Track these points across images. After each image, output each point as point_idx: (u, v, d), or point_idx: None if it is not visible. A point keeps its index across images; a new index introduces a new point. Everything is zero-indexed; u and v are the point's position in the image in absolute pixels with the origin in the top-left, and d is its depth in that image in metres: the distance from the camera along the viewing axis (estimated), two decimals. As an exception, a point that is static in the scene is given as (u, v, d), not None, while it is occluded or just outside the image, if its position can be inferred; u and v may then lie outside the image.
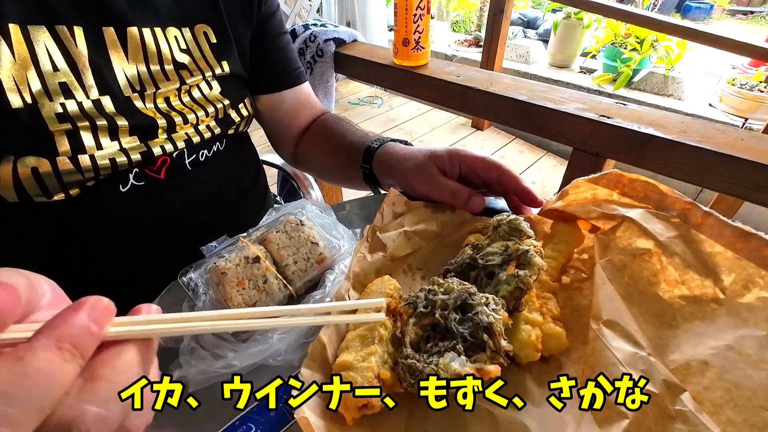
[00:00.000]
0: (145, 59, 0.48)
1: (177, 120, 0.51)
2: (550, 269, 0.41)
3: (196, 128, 0.54)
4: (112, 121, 0.45)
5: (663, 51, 2.43)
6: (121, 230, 0.50)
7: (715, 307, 0.33)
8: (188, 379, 0.37)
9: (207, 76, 0.54)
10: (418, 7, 0.87)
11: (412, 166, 0.52)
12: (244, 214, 0.63)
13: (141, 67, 0.48)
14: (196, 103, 0.54)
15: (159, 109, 0.50)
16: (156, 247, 0.53)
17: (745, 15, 5.78)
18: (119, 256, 0.51)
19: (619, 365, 0.32)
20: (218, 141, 0.58)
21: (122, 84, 0.47)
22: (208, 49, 0.54)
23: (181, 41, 0.52)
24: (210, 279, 0.44)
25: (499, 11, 2.13)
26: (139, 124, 0.48)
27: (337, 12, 3.12)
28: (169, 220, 0.53)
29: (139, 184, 0.50)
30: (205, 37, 0.54)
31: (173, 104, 0.51)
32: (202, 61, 0.54)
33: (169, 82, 0.51)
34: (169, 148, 0.51)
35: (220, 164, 0.58)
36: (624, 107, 0.78)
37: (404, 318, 0.37)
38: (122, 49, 0.46)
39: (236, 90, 0.59)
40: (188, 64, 0.52)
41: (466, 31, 3.73)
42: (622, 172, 0.40)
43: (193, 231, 0.54)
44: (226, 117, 0.58)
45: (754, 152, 0.63)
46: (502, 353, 0.33)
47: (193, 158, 0.55)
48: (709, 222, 0.35)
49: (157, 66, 0.49)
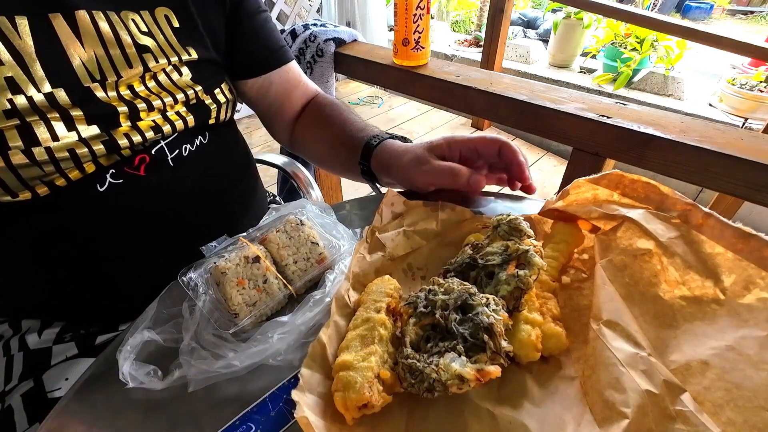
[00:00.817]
0: (102, 45, 0.45)
1: (140, 106, 0.48)
2: (550, 269, 0.41)
3: (164, 115, 0.51)
4: (65, 113, 0.43)
5: (663, 51, 2.43)
6: (104, 230, 0.48)
7: (715, 308, 0.33)
8: (188, 378, 0.37)
9: (173, 61, 0.51)
10: (418, 7, 0.87)
11: (411, 159, 0.52)
12: (232, 209, 0.61)
13: (99, 52, 0.45)
14: (163, 89, 0.51)
15: (122, 97, 0.47)
16: (144, 246, 0.51)
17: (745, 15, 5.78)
18: (106, 258, 0.50)
19: (619, 365, 0.32)
20: (200, 134, 0.56)
21: (80, 74, 0.44)
22: (171, 33, 0.51)
23: (141, 24, 0.48)
24: (210, 279, 0.43)
25: (499, 11, 2.13)
26: (98, 112, 0.45)
27: (337, 12, 3.12)
28: (154, 218, 0.51)
29: (117, 182, 0.48)
30: (167, 21, 0.51)
31: (137, 90, 0.48)
32: (166, 46, 0.50)
33: (132, 69, 0.47)
34: (137, 137, 0.48)
35: (205, 158, 0.56)
36: (624, 107, 0.78)
37: (404, 318, 0.37)
38: (76, 37, 0.43)
39: (211, 75, 0.56)
40: (152, 47, 0.49)
41: (466, 31, 3.73)
42: (623, 172, 0.40)
43: (180, 227, 0.53)
44: (200, 103, 0.55)
45: (754, 152, 0.63)
46: (503, 354, 0.33)
47: (176, 153, 0.52)
48: (710, 223, 0.35)
49: (118, 50, 0.46)
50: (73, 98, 0.43)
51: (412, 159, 0.52)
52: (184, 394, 0.37)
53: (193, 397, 0.37)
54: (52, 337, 0.52)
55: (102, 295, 0.51)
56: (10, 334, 0.54)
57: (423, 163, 0.51)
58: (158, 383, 0.37)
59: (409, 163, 0.52)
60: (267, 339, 0.39)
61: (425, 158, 0.51)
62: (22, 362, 0.51)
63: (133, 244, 0.51)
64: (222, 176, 0.59)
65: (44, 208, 0.45)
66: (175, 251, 0.50)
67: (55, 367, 0.50)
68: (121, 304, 0.52)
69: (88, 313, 0.53)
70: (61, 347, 0.51)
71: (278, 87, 0.67)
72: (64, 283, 0.50)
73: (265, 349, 0.39)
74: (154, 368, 0.38)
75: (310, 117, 0.70)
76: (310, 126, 0.69)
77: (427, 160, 0.51)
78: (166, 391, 0.37)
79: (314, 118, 0.69)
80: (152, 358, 0.39)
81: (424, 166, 0.51)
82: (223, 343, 0.39)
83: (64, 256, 0.48)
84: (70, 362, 0.50)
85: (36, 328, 0.53)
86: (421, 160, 0.51)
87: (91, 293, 0.51)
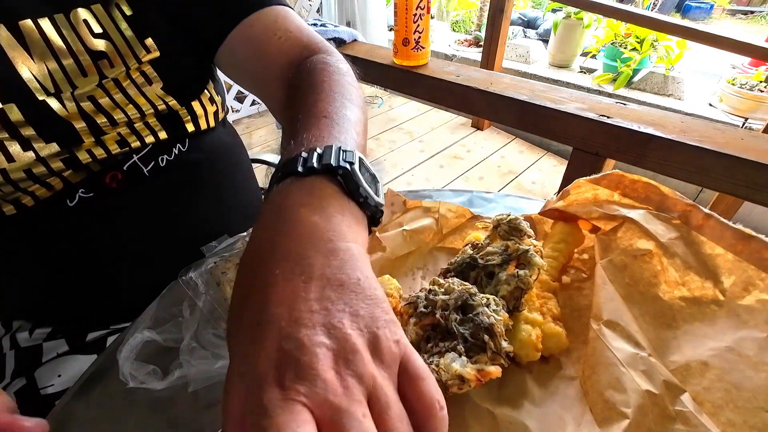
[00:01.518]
0: (54, 56, 0.41)
1: (101, 121, 0.44)
2: (550, 269, 0.41)
3: (132, 128, 0.46)
4: (17, 132, 0.40)
5: (663, 51, 2.43)
6: (82, 243, 0.47)
7: (715, 309, 0.33)
8: (189, 378, 0.37)
9: (132, 65, 0.45)
10: (418, 7, 0.87)
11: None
12: (226, 210, 0.57)
13: (51, 65, 0.41)
14: (130, 101, 0.46)
15: (82, 110, 0.43)
16: (130, 258, 0.50)
17: (745, 15, 5.78)
18: (94, 266, 0.49)
19: (619, 365, 0.32)
20: (179, 142, 0.51)
21: (33, 87, 0.40)
22: (126, 25, 0.44)
23: (93, 24, 0.43)
24: (210, 278, 0.43)
25: (499, 11, 2.13)
26: (54, 130, 0.41)
27: (337, 12, 3.12)
28: (134, 226, 0.49)
29: (87, 196, 0.45)
30: (119, 11, 0.44)
31: (101, 102, 0.44)
32: (123, 45, 0.44)
33: (86, 78, 0.43)
34: (100, 152, 0.44)
35: (187, 165, 0.52)
36: (624, 107, 0.78)
37: (404, 318, 0.37)
38: (23, 48, 0.39)
39: (185, 79, 0.50)
40: (108, 51, 0.43)
41: (466, 31, 3.73)
42: (623, 172, 0.40)
43: (169, 237, 0.51)
44: (172, 114, 0.49)
45: (754, 152, 0.63)
46: (503, 354, 0.33)
47: (152, 165, 0.48)
48: (710, 224, 0.35)
49: (70, 60, 0.42)
50: (26, 114, 0.40)
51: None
52: (184, 393, 0.37)
53: (194, 396, 0.37)
54: (43, 335, 0.52)
55: (96, 303, 0.51)
56: (2, 333, 0.54)
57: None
58: (158, 383, 0.37)
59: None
60: (267, 339, 0.39)
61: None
62: (14, 360, 0.51)
63: (122, 251, 0.49)
64: (210, 179, 0.55)
65: (15, 224, 0.44)
66: (172, 253, 0.50)
67: (46, 364, 0.50)
68: (117, 308, 0.52)
69: (83, 317, 0.53)
70: (52, 344, 0.51)
71: (244, 52, 0.49)
72: (53, 292, 0.50)
73: (265, 349, 0.39)
74: (155, 368, 0.38)
75: (292, 86, 0.44)
76: (289, 99, 0.44)
77: None
78: (166, 391, 0.37)
79: (294, 87, 0.43)
80: (152, 357, 0.39)
81: None
82: (223, 342, 0.39)
83: (49, 265, 0.48)
84: (62, 359, 0.50)
85: (27, 327, 0.53)
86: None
87: (84, 300, 0.51)
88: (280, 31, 0.48)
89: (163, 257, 0.51)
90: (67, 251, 0.47)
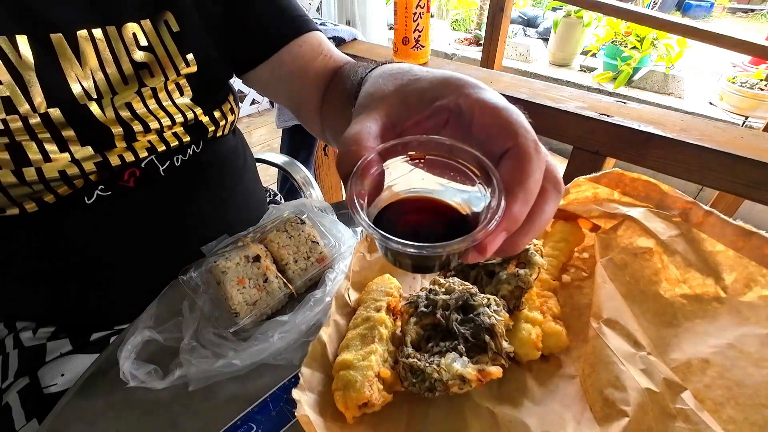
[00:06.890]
0: (100, 64, 0.44)
1: (137, 128, 0.47)
2: (550, 268, 0.41)
3: (161, 136, 0.50)
4: (57, 134, 0.42)
5: (663, 49, 2.42)
6: (95, 239, 0.48)
7: (716, 306, 0.33)
8: (189, 377, 0.37)
9: (171, 77, 0.49)
10: (418, 6, 0.87)
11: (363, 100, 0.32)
12: (230, 210, 0.59)
13: (97, 74, 0.44)
14: (162, 109, 0.49)
15: (119, 117, 0.46)
16: (140, 250, 0.51)
17: (746, 13, 5.77)
18: (101, 264, 0.50)
19: (619, 364, 0.32)
20: (193, 144, 0.54)
21: (77, 93, 0.43)
22: (171, 41, 0.48)
23: (141, 37, 0.46)
24: (210, 278, 0.44)
25: (499, 9, 2.13)
26: (92, 134, 0.44)
27: (337, 11, 3.12)
28: (147, 223, 0.51)
29: (105, 194, 0.47)
30: (166, 28, 0.48)
31: (136, 110, 0.47)
32: (165, 59, 0.48)
33: (127, 86, 0.46)
34: (130, 157, 0.47)
35: (199, 165, 0.54)
36: (624, 105, 0.78)
37: (405, 317, 0.37)
38: (75, 56, 0.42)
39: (212, 92, 0.54)
40: (149, 62, 0.47)
41: (466, 30, 3.73)
42: (623, 171, 0.40)
43: (176, 230, 0.52)
44: (198, 124, 0.53)
45: (754, 150, 0.63)
46: (504, 355, 0.33)
47: (167, 165, 0.51)
48: (711, 221, 0.35)
49: (114, 68, 0.45)
50: (68, 117, 0.42)
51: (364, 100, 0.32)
52: (184, 393, 0.37)
53: (194, 396, 0.37)
54: (46, 334, 0.52)
55: (100, 301, 0.52)
56: (5, 333, 0.54)
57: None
58: (159, 382, 0.37)
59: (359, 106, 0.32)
60: (267, 338, 0.39)
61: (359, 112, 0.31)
62: (18, 359, 0.51)
63: (128, 250, 0.50)
64: (218, 179, 0.58)
65: (32, 222, 0.45)
66: (174, 253, 0.50)
67: (49, 363, 0.50)
68: (120, 307, 0.53)
69: (86, 317, 0.53)
70: (56, 344, 0.52)
71: (291, 66, 0.55)
72: (59, 292, 0.50)
73: (265, 348, 0.39)
74: (155, 367, 0.38)
75: (328, 93, 0.54)
76: (327, 105, 0.54)
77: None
78: (166, 391, 0.37)
79: (331, 91, 0.53)
80: (153, 357, 0.39)
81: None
82: (223, 342, 0.39)
83: (58, 265, 0.48)
84: (65, 358, 0.50)
85: (31, 327, 0.53)
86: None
87: (89, 300, 0.51)
88: (324, 50, 0.56)
89: (165, 256, 0.51)
90: (77, 249, 0.48)
